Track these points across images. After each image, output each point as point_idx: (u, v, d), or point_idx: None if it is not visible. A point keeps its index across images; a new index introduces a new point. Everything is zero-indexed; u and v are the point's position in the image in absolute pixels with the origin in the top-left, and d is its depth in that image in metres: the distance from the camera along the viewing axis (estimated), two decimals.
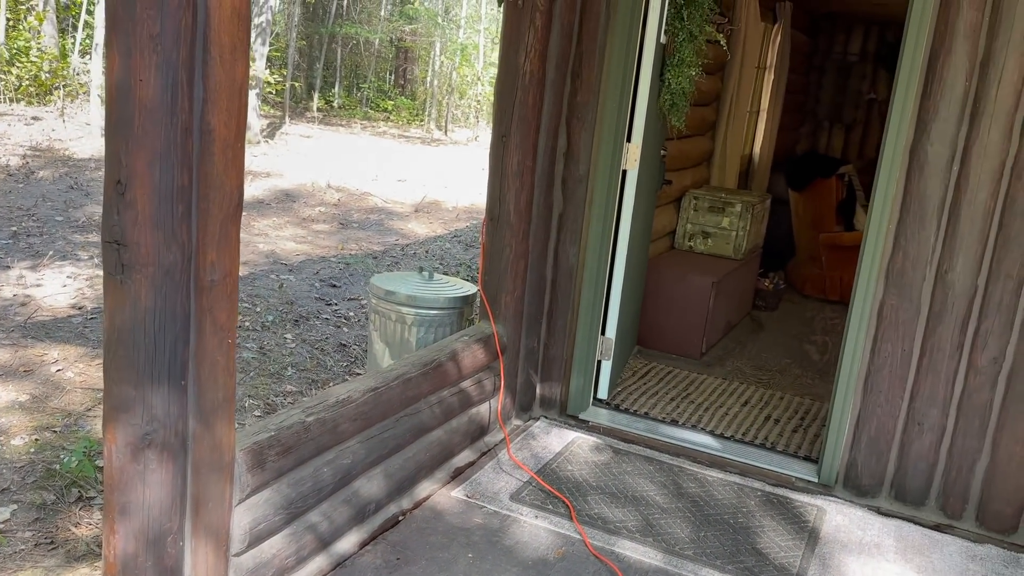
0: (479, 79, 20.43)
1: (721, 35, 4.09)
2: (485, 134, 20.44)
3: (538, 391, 4.06)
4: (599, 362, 4.07)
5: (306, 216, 8.48)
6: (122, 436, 2.01)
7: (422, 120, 21.37)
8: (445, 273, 6.90)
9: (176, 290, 1.99)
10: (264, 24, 12.24)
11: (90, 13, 14.95)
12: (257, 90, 12.22)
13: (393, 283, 4.00)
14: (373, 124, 20.30)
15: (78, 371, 4.06)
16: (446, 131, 20.78)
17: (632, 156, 3.85)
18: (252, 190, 9.29)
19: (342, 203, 9.34)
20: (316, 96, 20.40)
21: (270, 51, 12.15)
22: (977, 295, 3.23)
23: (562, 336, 3.98)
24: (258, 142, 12.25)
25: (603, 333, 4.03)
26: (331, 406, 2.75)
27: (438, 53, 21.22)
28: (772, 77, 6.98)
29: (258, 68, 12.18)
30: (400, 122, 21.23)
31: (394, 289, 3.92)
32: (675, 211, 5.66)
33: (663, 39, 3.85)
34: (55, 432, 3.51)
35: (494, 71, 21.21)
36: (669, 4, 3.84)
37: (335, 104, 21.66)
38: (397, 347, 3.98)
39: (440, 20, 20.78)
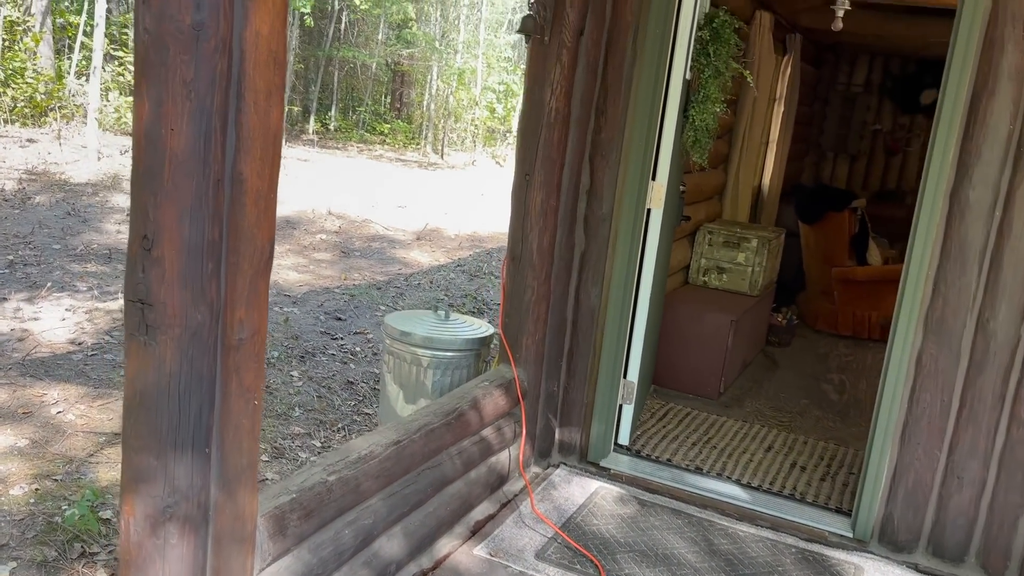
0: (476, 103, 20.41)
1: (749, 72, 4.00)
2: (482, 159, 20.39)
3: (557, 436, 3.92)
4: (620, 406, 3.93)
5: (307, 244, 8.34)
6: (141, 509, 1.86)
7: (418, 143, 21.32)
8: (451, 305, 6.77)
9: (203, 352, 1.85)
10: None
11: (87, 35, 14.86)
12: None
13: (408, 323, 3.86)
14: (369, 147, 20.22)
15: (79, 413, 3.90)
16: (442, 155, 20.72)
17: (657, 195, 3.74)
18: None
19: (343, 230, 9.21)
20: (312, 119, 20.33)
21: None
22: (1020, 344, 3.12)
23: (583, 379, 3.85)
24: None
25: (625, 376, 3.90)
26: (353, 463, 2.61)
27: (435, 77, 21.21)
28: (782, 108, 6.92)
29: None
30: (396, 145, 21.16)
31: (410, 330, 3.78)
32: (689, 246, 5.56)
33: (688, 75, 3.76)
34: (56, 480, 3.34)
35: (491, 96, 21.21)
36: (695, 40, 3.75)
37: (331, 127, 21.60)
38: (412, 390, 3.84)
39: (437, 45, 20.79)
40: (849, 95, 9.38)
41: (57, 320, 5.07)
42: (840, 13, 5.67)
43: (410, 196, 12.26)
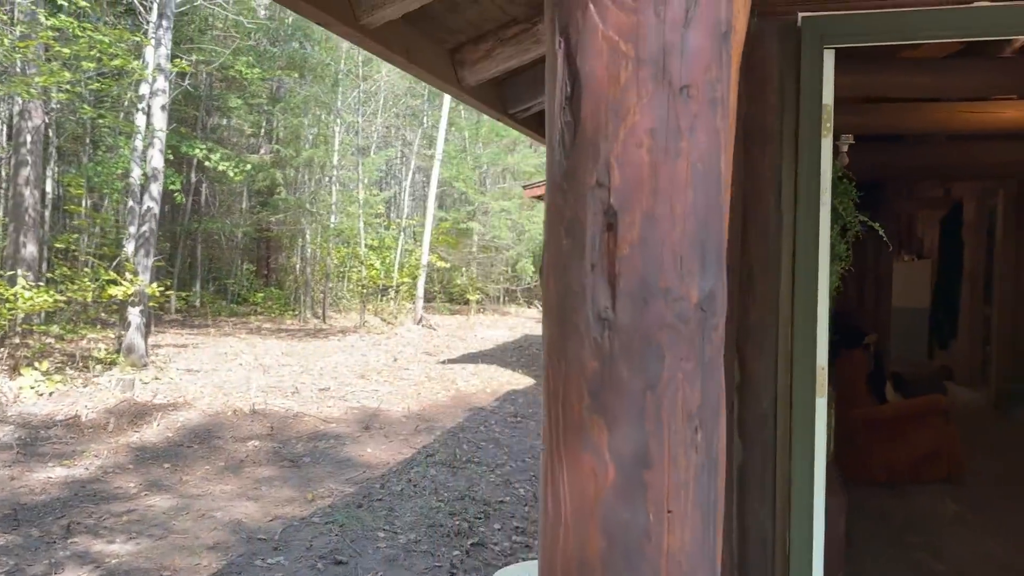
0: (362, 262, 19.62)
1: (879, 224, 3.48)
2: (370, 318, 19.40)
3: None
4: None
5: (242, 457, 7.02)
6: None
7: (295, 310, 20.08)
8: (452, 514, 5.68)
9: None
10: (148, 233, 10.87)
11: None
12: (141, 307, 10.70)
13: None
14: (244, 320, 18.79)
15: None
16: (324, 319, 19.55)
17: (820, 380, 3.03)
18: (161, 431, 7.74)
19: (276, 431, 7.93)
20: (174, 297, 18.73)
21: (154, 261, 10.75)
22: None
23: None
24: (145, 365, 10.62)
25: None
26: None
27: (307, 240, 20.29)
28: None
29: (143, 282, 10.71)
30: (272, 314, 19.83)
31: None
32: None
33: None
34: None
35: (374, 256, 20.45)
36: None
37: (196, 303, 20.05)
38: None
39: (308, 206, 20.00)
40: None
41: None
42: (845, 148, 5.40)
43: (325, 374, 11.08)
